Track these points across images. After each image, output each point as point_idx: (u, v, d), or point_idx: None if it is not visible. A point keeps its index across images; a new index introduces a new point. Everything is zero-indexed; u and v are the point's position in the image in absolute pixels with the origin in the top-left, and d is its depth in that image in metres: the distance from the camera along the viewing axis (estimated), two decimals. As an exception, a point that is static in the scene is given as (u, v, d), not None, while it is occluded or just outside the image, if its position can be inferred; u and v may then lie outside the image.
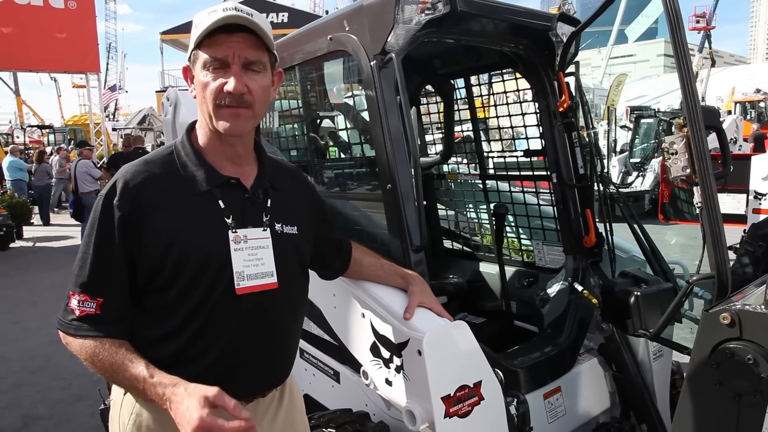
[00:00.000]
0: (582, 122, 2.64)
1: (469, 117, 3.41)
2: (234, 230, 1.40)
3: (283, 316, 1.54)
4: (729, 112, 21.32)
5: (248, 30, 1.35)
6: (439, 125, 3.58)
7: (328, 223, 1.79)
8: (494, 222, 2.94)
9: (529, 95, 2.84)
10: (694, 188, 1.65)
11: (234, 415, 1.19)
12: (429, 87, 3.52)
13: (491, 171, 3.43)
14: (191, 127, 1.50)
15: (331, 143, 4.39)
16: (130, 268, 1.35)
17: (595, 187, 2.62)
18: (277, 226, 1.50)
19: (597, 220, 2.62)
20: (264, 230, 1.46)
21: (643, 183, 13.05)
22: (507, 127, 3.14)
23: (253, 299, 1.43)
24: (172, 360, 1.37)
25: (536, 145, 2.88)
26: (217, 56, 1.35)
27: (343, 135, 3.86)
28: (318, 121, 3.56)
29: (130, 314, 1.38)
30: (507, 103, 3.06)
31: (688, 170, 1.67)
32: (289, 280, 1.52)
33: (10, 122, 31.78)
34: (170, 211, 1.36)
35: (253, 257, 1.42)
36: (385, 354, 1.91)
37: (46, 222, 13.86)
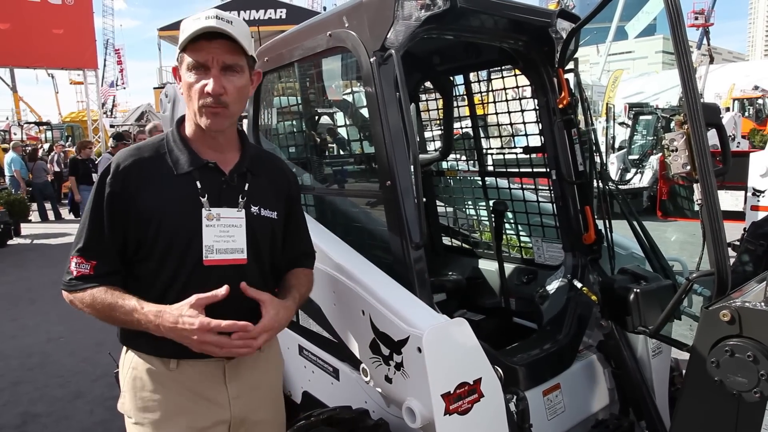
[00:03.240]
0: (581, 119, 2.63)
1: (468, 114, 3.40)
2: (207, 208, 1.57)
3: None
4: (727, 109, 21.31)
5: (227, 36, 1.50)
6: (439, 122, 3.57)
7: (295, 218, 1.81)
8: (493, 219, 2.93)
9: (528, 92, 2.83)
10: (694, 185, 1.65)
11: (231, 329, 1.44)
12: (428, 84, 3.51)
13: (490, 168, 3.43)
14: (181, 120, 1.69)
15: (330, 140, 4.38)
16: (121, 237, 1.54)
17: (595, 184, 2.62)
18: (254, 209, 1.64)
19: (596, 217, 2.62)
20: (239, 211, 1.61)
21: (641, 180, 13.05)
22: (506, 124, 3.14)
23: (222, 272, 1.56)
24: None
25: (535, 141, 2.88)
26: (199, 60, 1.52)
27: (343, 132, 3.86)
28: (317, 118, 3.55)
29: (121, 271, 1.57)
30: (506, 100, 3.05)
31: (689, 167, 1.67)
32: (260, 259, 1.65)
33: (7, 119, 31.69)
34: (154, 189, 1.56)
35: (224, 234, 1.58)
36: (385, 351, 1.91)
37: (57, 217, 13.96)
